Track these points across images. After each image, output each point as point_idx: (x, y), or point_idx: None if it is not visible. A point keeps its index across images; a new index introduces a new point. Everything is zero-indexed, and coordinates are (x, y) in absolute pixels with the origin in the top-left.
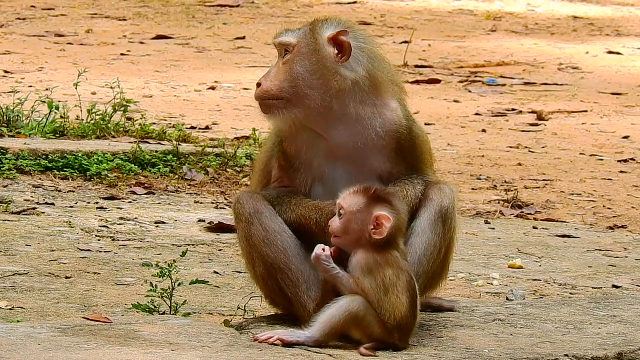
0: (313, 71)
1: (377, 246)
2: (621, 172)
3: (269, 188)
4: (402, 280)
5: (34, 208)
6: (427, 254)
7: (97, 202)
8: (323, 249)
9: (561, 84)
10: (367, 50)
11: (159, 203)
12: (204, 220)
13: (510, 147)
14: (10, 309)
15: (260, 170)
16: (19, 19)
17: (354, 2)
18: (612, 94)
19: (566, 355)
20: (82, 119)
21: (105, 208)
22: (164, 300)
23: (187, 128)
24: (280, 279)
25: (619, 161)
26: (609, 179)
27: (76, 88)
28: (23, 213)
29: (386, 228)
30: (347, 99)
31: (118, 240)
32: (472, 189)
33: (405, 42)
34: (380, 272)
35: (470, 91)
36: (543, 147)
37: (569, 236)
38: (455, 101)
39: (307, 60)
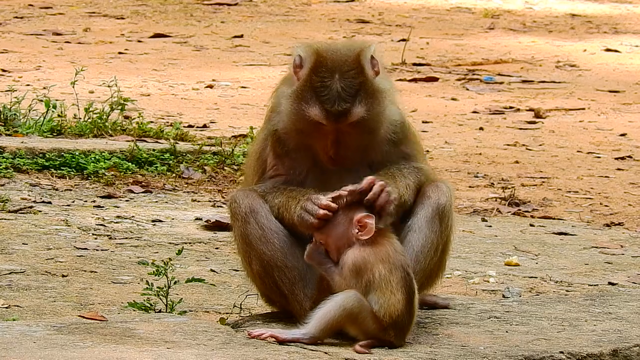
0: None
1: (368, 242)
2: (618, 169)
3: (264, 178)
4: (395, 276)
5: (31, 207)
6: (425, 251)
7: (94, 201)
8: (316, 243)
9: (559, 82)
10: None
11: (156, 202)
12: (201, 219)
13: (508, 145)
14: (6, 307)
15: (254, 160)
16: (16, 17)
17: (352, 1)
18: (610, 91)
19: (561, 352)
20: (80, 118)
21: (103, 207)
22: (160, 299)
23: (184, 126)
24: (276, 277)
25: (616, 159)
26: (606, 177)
27: (74, 87)
28: (20, 212)
29: (372, 225)
30: None
31: (115, 238)
32: (470, 186)
33: (404, 40)
34: (368, 272)
35: (468, 89)
36: (540, 145)
37: (565, 234)
38: (453, 99)
39: None
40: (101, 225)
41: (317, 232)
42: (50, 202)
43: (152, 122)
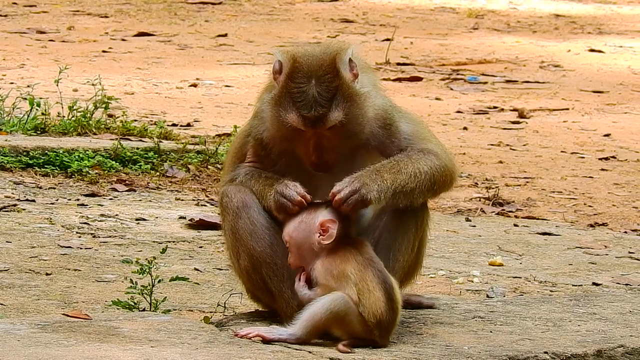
0: None
1: (331, 250)
2: (602, 170)
3: (241, 166)
4: (368, 275)
5: (14, 205)
6: (402, 249)
7: (78, 199)
8: (299, 278)
9: (543, 82)
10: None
11: (140, 200)
12: (185, 217)
13: (492, 144)
14: None
15: (233, 153)
16: (0, 15)
17: (336, 0)
18: (594, 92)
19: (546, 352)
20: (64, 116)
21: (86, 205)
22: (144, 297)
23: (168, 125)
24: (265, 274)
25: (600, 159)
26: (590, 177)
27: (57, 85)
28: (4, 210)
29: (334, 231)
30: None
31: (99, 237)
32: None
33: (388, 39)
34: (340, 272)
35: (452, 89)
36: (524, 145)
37: (549, 234)
38: (437, 99)
39: None
40: (85, 223)
41: (285, 233)
42: (34, 200)
43: (136, 120)
